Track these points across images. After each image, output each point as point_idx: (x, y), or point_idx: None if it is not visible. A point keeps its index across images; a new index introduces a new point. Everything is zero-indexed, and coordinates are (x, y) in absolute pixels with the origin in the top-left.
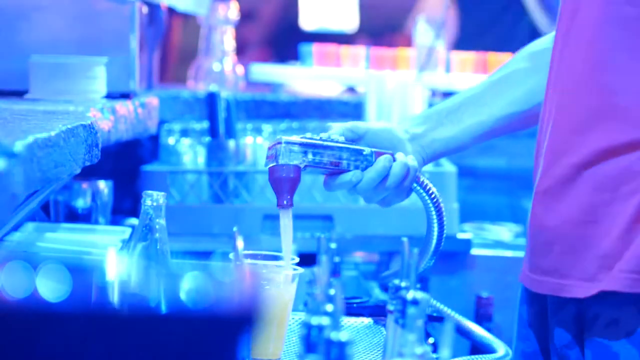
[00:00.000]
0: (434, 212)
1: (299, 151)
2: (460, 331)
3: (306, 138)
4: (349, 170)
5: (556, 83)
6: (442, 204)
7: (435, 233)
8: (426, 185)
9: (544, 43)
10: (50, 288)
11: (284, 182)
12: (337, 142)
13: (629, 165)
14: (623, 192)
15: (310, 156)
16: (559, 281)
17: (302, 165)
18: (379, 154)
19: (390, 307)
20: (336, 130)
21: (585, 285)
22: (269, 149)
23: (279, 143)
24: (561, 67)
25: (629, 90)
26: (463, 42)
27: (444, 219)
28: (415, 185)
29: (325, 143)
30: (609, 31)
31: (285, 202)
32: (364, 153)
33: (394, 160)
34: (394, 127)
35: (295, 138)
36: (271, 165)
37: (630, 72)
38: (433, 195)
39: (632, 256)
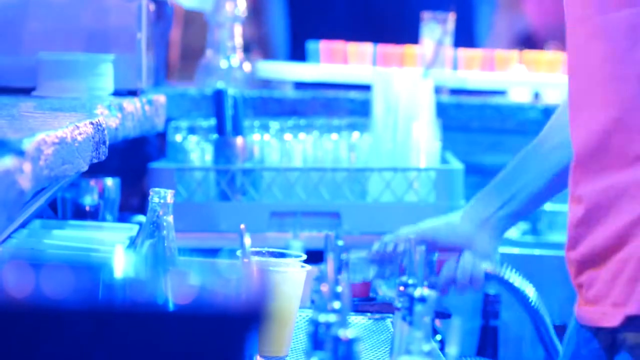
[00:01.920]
0: (522, 299)
1: (365, 266)
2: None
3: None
4: None
5: (607, 95)
6: (527, 288)
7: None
8: (503, 275)
9: None
10: (57, 285)
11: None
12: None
13: None
14: None
15: (374, 270)
16: (597, 309)
17: (369, 279)
18: (441, 262)
19: (397, 304)
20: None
21: (616, 312)
22: None
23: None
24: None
25: None
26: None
27: (533, 302)
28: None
29: (388, 255)
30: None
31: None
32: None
33: (457, 263)
34: (458, 221)
35: (362, 253)
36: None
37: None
38: (513, 282)
39: None
